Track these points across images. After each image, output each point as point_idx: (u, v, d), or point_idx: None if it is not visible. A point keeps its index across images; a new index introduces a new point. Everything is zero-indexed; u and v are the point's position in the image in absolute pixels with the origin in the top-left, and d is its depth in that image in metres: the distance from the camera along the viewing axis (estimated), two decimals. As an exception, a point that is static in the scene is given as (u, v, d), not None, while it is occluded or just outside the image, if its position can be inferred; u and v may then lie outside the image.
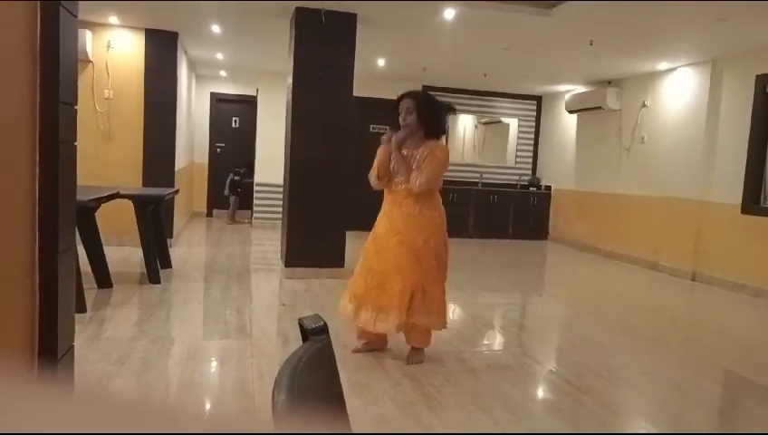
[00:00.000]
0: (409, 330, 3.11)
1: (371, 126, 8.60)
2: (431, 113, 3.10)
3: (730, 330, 4.56)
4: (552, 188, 9.36)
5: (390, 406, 2.60)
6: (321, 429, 0.37)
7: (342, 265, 5.27)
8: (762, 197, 5.71)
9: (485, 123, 9.95)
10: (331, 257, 5.31)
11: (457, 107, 10.72)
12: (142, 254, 4.77)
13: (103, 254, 4.40)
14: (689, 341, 4.09)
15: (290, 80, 5.37)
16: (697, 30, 5.24)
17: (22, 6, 1.53)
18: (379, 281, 3.03)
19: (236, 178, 9.17)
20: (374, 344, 3.28)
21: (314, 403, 0.68)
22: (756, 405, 3.06)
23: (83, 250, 4.13)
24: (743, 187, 5.79)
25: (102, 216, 4.42)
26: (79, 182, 1.99)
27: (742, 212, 5.79)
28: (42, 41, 1.58)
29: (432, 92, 9.04)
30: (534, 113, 9.76)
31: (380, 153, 3.15)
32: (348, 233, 5.41)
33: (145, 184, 6.31)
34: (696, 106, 6.39)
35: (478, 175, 9.42)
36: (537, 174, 9.74)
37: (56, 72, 1.61)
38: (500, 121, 9.83)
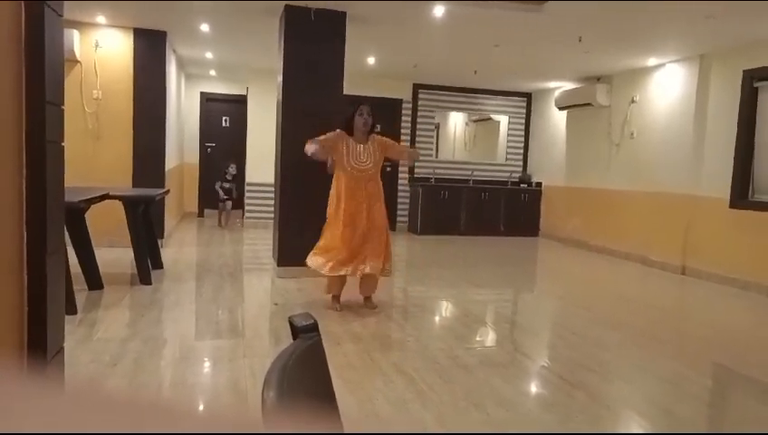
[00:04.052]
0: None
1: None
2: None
3: (720, 323, 4.60)
4: (543, 184, 9.39)
5: (383, 403, 2.60)
6: (311, 427, 0.37)
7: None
8: (750, 191, 5.75)
9: (476, 121, 9.97)
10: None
11: (448, 104, 10.69)
12: (133, 255, 4.75)
13: (93, 255, 4.37)
14: (680, 335, 4.12)
15: (280, 78, 5.35)
16: (685, 26, 5.27)
17: (5, 6, 1.52)
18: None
19: (225, 184, 8.69)
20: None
21: (304, 401, 0.68)
22: (747, 398, 3.09)
23: (73, 251, 4.10)
24: (731, 181, 5.84)
25: (92, 217, 4.39)
26: (68, 183, 1.98)
27: (730, 206, 5.84)
28: (27, 40, 1.56)
29: (423, 90, 9.15)
30: (524, 110, 9.79)
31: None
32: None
33: (135, 184, 6.27)
34: (684, 101, 6.43)
35: (469, 172, 9.44)
36: (528, 171, 9.77)
37: (42, 72, 1.60)
38: (490, 119, 9.86)
